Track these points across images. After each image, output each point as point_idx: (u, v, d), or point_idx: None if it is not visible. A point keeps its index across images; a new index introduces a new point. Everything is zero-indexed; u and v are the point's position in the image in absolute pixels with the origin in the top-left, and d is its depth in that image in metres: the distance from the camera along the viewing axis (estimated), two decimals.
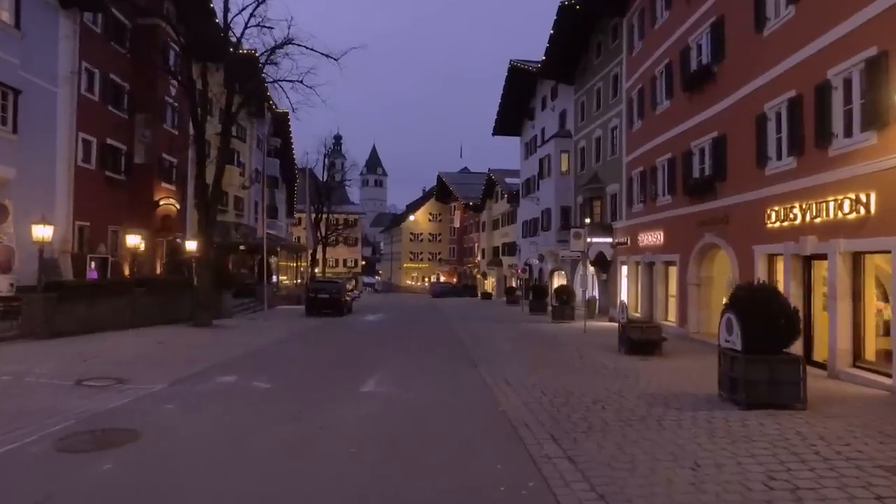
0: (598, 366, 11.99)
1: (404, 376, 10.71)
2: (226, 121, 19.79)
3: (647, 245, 21.06)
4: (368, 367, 11.73)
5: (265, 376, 10.26)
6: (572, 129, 35.03)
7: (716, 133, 15.67)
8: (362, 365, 11.99)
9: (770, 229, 12.75)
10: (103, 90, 23.26)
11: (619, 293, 24.70)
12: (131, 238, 20.78)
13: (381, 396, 8.78)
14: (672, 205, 18.83)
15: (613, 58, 28.19)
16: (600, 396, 8.85)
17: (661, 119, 19.87)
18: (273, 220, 50.06)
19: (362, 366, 11.87)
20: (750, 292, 8.06)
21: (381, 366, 11.92)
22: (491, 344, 15.98)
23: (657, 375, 10.76)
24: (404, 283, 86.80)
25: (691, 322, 17.18)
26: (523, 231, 46.28)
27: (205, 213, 19.40)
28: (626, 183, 23.95)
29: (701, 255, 16.96)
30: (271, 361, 12.34)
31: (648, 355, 13.43)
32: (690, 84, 17.25)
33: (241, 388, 9.18)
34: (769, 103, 12.85)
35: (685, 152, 17.64)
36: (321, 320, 24.72)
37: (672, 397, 8.75)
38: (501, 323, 23.77)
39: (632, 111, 23.43)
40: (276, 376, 10.35)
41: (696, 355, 13.62)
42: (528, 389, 9.40)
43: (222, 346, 14.43)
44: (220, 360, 12.12)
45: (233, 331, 18.68)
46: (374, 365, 12.02)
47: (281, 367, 11.59)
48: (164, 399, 8.21)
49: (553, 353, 14.04)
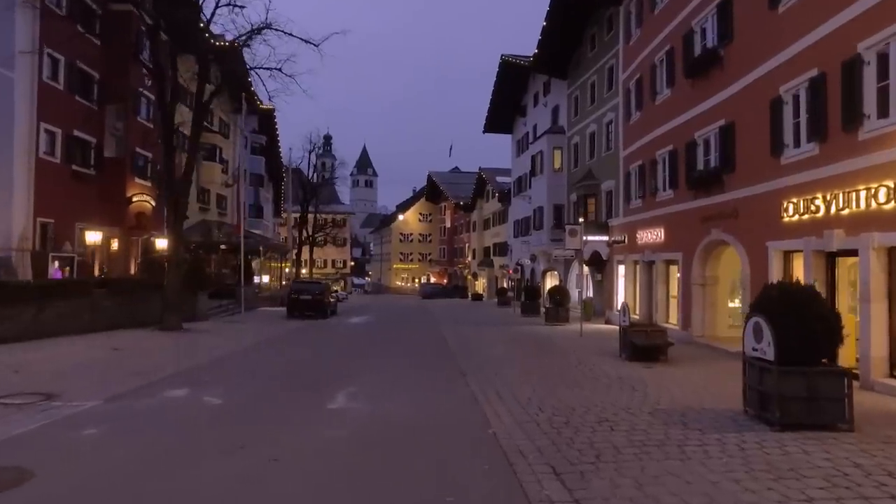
0: (599, 374, 10.79)
1: (382, 388, 9.45)
2: (197, 110, 18.44)
3: (646, 243, 19.92)
4: (343, 376, 10.46)
5: (221, 389, 8.96)
6: (565, 124, 33.93)
7: (723, 121, 14.54)
8: (337, 374, 10.71)
9: (787, 223, 11.60)
10: (69, 78, 21.80)
11: (616, 294, 23.55)
12: (91, 235, 19.33)
13: (352, 416, 7.51)
14: (674, 200, 17.70)
15: (608, 50, 27.10)
16: (606, 413, 7.64)
17: (662, 109, 18.74)
18: (258, 220, 48.56)
19: (337, 376, 10.59)
20: (784, 292, 6.87)
21: (358, 376, 10.65)
22: (481, 349, 14.75)
23: (667, 386, 9.56)
24: (394, 284, 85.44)
25: (696, 325, 16.03)
26: (515, 230, 45.12)
27: (174, 209, 18.04)
28: (623, 178, 22.81)
29: (706, 253, 15.82)
30: (234, 371, 11.02)
31: (653, 362, 12.25)
32: (694, 70, 16.11)
33: (188, 405, 7.88)
34: (786, 85, 11.70)
35: (688, 143, 16.51)
36: (302, 323, 23.39)
37: (690, 414, 7.54)
38: (493, 326, 22.55)
39: (629, 103, 22.31)
40: (235, 389, 9.05)
41: (704, 362, 12.45)
42: (522, 405, 8.17)
43: (185, 353, 13.11)
44: (176, 369, 10.81)
45: (203, 335, 17.34)
46: (351, 374, 10.75)
47: (243, 377, 10.27)
48: (89, 421, 6.87)
49: (549, 360, 12.82)
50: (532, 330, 20.55)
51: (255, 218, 48.07)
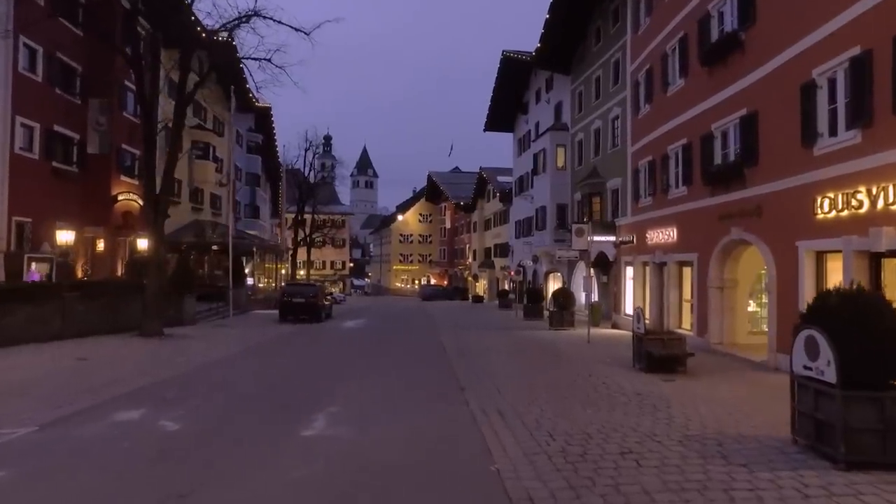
0: (613, 389, 9.64)
1: (370, 407, 8.30)
2: (179, 101, 17.29)
3: (656, 243, 18.77)
4: (327, 392, 9.32)
5: (182, 410, 7.81)
6: (569, 121, 32.78)
7: (744, 111, 13.38)
8: (320, 390, 9.57)
9: (821, 221, 10.46)
10: (48, 70, 20.69)
11: (624, 297, 22.39)
12: (64, 235, 18.16)
13: (329, 447, 6.35)
14: (687, 197, 16.55)
15: (614, 42, 25.97)
16: (629, 441, 6.50)
17: (674, 101, 17.59)
18: (254, 220, 47.48)
19: (320, 391, 9.45)
20: (846, 300, 5.72)
21: (343, 391, 9.51)
22: (482, 358, 13.59)
23: (693, 405, 8.41)
24: (394, 285, 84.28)
25: (713, 331, 14.87)
26: (516, 231, 43.95)
27: (154, 206, 16.90)
28: (631, 175, 21.65)
29: (724, 254, 14.67)
30: (205, 385, 9.86)
31: (671, 373, 11.10)
32: (711, 57, 14.97)
33: (137, 434, 6.72)
34: (820, 68, 10.55)
35: (704, 136, 15.36)
36: (294, 327, 22.25)
37: (728, 443, 6.39)
38: (494, 330, 21.40)
39: (637, 96, 21.16)
40: (198, 410, 7.90)
41: (728, 374, 11.30)
42: (529, 429, 7.03)
43: (157, 363, 11.98)
44: (139, 383, 9.67)
45: (185, 341, 16.20)
46: (336, 389, 9.61)
47: (213, 393, 9.11)
48: (4, 459, 5.66)
49: (556, 371, 11.67)
50: (536, 335, 19.40)
51: (251, 218, 46.99)
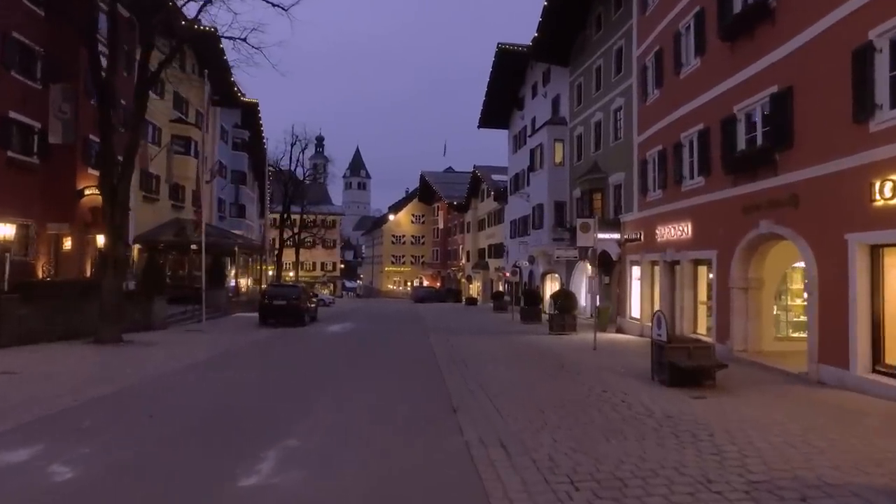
0: (637, 410, 7.99)
1: (337, 440, 6.59)
2: (140, 80, 15.54)
3: (667, 240, 17.16)
4: (289, 417, 7.61)
5: (89, 447, 6.01)
6: (567, 115, 31.24)
7: (775, 88, 11.78)
8: (281, 413, 7.85)
9: (880, 209, 8.85)
10: (2, 51, 18.87)
11: (629, 299, 20.78)
12: (2, 229, 16.33)
13: (272, 502, 4.66)
14: (705, 188, 14.96)
15: (617, 29, 24.45)
16: (679, 493, 4.83)
17: (688, 83, 16.01)
18: (240, 220, 45.71)
19: (280, 415, 7.74)
20: None
21: (310, 415, 7.80)
22: (478, 369, 11.91)
23: (742, 432, 6.75)
24: (386, 287, 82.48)
25: (736, 337, 13.25)
26: (511, 231, 42.35)
27: (110, 196, 15.12)
28: (637, 168, 20.05)
29: (750, 251, 13.06)
30: (139, 408, 8.04)
31: (698, 387, 9.48)
32: (734, 31, 13.37)
33: (13, 488, 4.97)
34: (880, 27, 8.92)
35: (725, 119, 13.76)
36: (273, 332, 20.51)
37: (814, 495, 4.74)
38: (490, 335, 19.71)
39: (645, 81, 19.58)
40: (111, 448, 6.10)
41: (765, 389, 9.66)
42: (542, 471, 5.37)
43: (99, 377, 10.22)
44: (63, 404, 7.90)
45: (145, 349, 14.43)
46: (301, 413, 7.90)
47: (142, 421, 7.30)
48: None
49: (563, 385, 10.01)
50: (535, 341, 17.74)
51: (237, 217, 45.23)
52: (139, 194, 28.90)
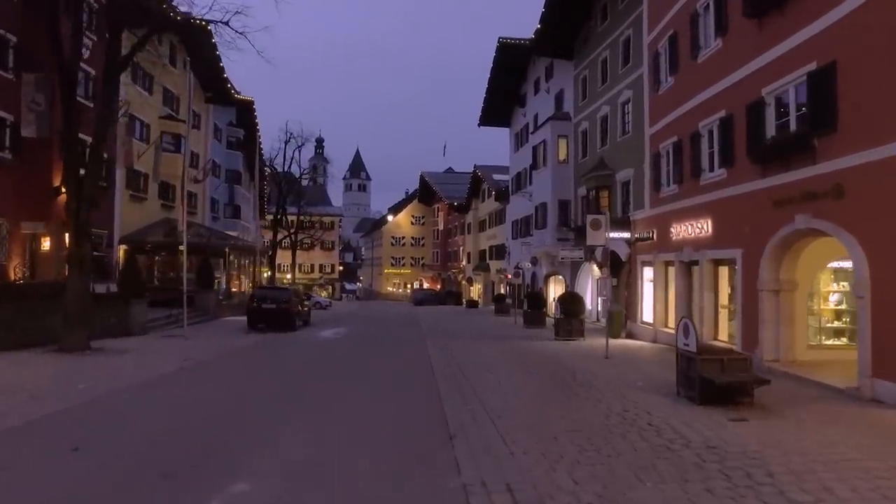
0: (668, 436, 6.66)
1: (302, 481, 5.26)
2: (109, 62, 14.23)
3: (684, 239, 15.83)
4: (245, 450, 6.27)
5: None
6: (572, 111, 29.91)
7: (814, 64, 10.46)
8: (237, 445, 6.51)
9: None
10: None
11: (641, 302, 19.43)
12: None
13: None
14: (727, 181, 13.63)
15: (624, 18, 23.15)
16: None
17: (708, 67, 14.69)
18: (235, 221, 44.42)
19: (236, 446, 6.40)
20: None
21: (271, 446, 6.47)
22: (479, 382, 10.56)
23: (811, 473, 5.40)
24: (385, 289, 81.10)
25: (766, 346, 11.90)
26: (513, 231, 41.01)
27: (75, 190, 13.81)
28: (650, 162, 18.72)
29: (782, 249, 11.72)
30: (65, 440, 6.70)
31: (734, 406, 8.15)
32: (762, 5, 12.05)
33: None
34: None
35: (752, 104, 12.44)
36: (261, 338, 19.19)
37: None
38: (492, 341, 18.35)
39: (657, 69, 18.26)
40: (14, 494, 4.82)
41: (814, 408, 8.30)
42: None
43: (45, 392, 8.88)
44: None
45: (114, 357, 13.09)
46: (261, 444, 6.57)
47: (64, 456, 5.94)
48: None
49: (578, 403, 8.67)
50: (541, 347, 16.40)
51: (231, 218, 43.95)
52: (126, 193, 27.63)
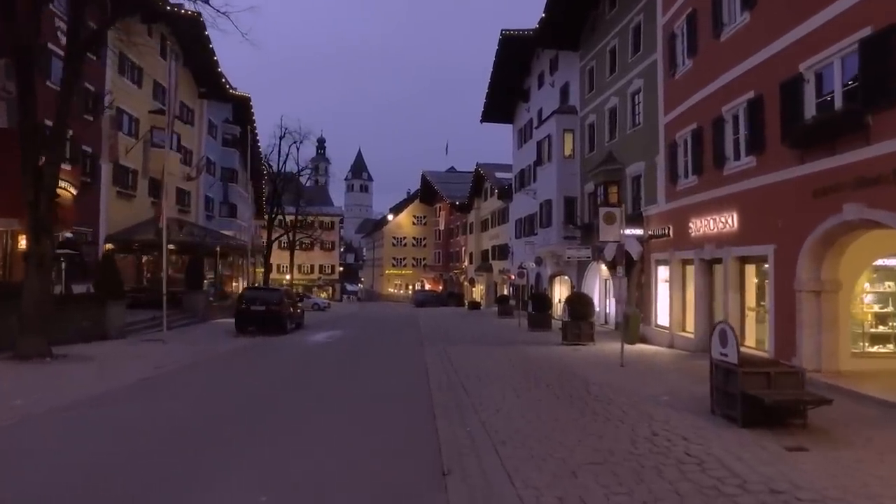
0: (716, 473, 5.30)
1: None
2: (71, 39, 12.95)
3: (704, 235, 14.46)
4: (199, 487, 4.94)
5: None
6: (578, 104, 28.58)
7: (868, 30, 9.09)
8: (180, 484, 5.18)
9: None
10: None
11: (655, 304, 18.04)
12: None
13: None
14: (757, 169, 12.25)
15: (634, 3, 21.89)
16: None
17: (733, 45, 13.32)
18: (231, 220, 43.13)
19: (181, 484, 5.07)
20: None
21: (229, 482, 5.13)
22: (480, 397, 9.19)
23: None
24: (386, 290, 79.75)
25: (806, 354, 10.50)
26: (517, 231, 39.62)
27: (34, 180, 12.51)
28: (665, 152, 17.35)
29: (824, 245, 10.34)
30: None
31: (785, 429, 6.80)
32: None
33: None
34: None
35: (787, 81, 11.07)
36: (248, 342, 17.86)
37: None
38: (495, 346, 16.99)
39: (673, 53, 16.89)
40: None
41: (886, 431, 6.94)
42: None
43: None
44: None
45: (75, 365, 11.78)
46: (216, 479, 5.23)
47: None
48: None
49: (597, 425, 7.29)
50: (548, 353, 15.02)
51: (227, 217, 42.67)
52: (112, 190, 26.35)
